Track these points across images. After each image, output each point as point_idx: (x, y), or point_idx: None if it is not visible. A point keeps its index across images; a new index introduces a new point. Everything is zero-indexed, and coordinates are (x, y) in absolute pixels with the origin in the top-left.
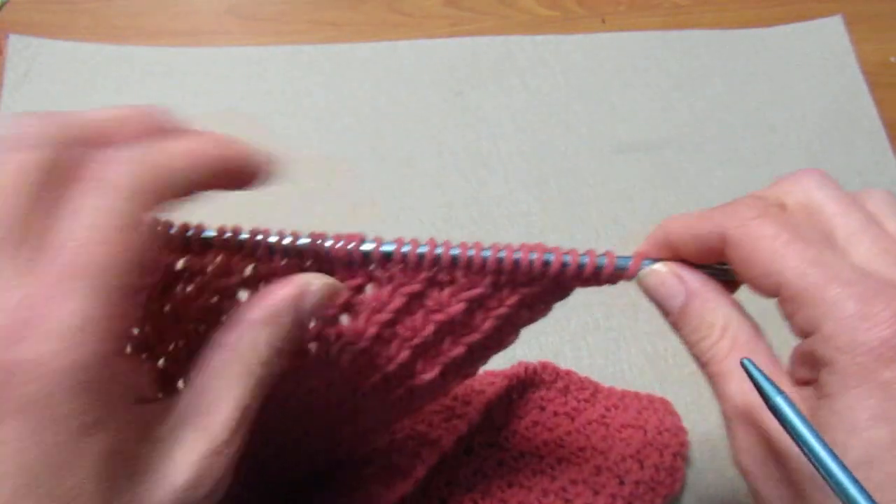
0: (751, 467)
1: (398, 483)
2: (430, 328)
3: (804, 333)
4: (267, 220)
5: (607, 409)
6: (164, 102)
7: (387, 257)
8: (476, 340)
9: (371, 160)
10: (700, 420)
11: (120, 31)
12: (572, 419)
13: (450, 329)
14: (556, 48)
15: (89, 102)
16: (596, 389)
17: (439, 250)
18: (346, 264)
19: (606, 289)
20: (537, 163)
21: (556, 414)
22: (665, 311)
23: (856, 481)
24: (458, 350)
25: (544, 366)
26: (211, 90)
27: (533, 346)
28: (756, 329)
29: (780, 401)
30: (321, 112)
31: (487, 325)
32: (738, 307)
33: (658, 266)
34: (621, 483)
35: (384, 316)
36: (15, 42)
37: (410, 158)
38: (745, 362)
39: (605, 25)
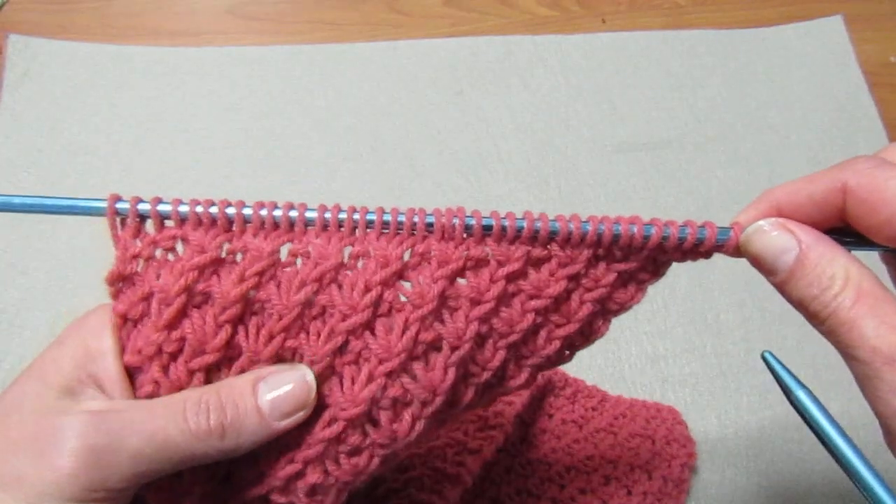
0: None
1: (448, 488)
2: (529, 319)
3: None
4: None
5: (615, 418)
6: (164, 102)
7: (487, 230)
8: (571, 333)
9: (371, 160)
10: (699, 419)
11: (120, 31)
12: (580, 427)
13: (545, 320)
14: (556, 48)
15: (89, 102)
16: (604, 398)
17: (538, 224)
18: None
19: None
20: (537, 163)
21: (563, 422)
22: (772, 272)
23: (881, 480)
24: (552, 347)
25: (554, 370)
26: (211, 90)
27: None
28: (876, 277)
29: (802, 395)
30: (321, 112)
31: (584, 311)
32: (854, 257)
33: (762, 223)
34: (629, 494)
35: (484, 308)
36: (15, 42)
37: (410, 158)
38: (766, 355)
39: (605, 25)
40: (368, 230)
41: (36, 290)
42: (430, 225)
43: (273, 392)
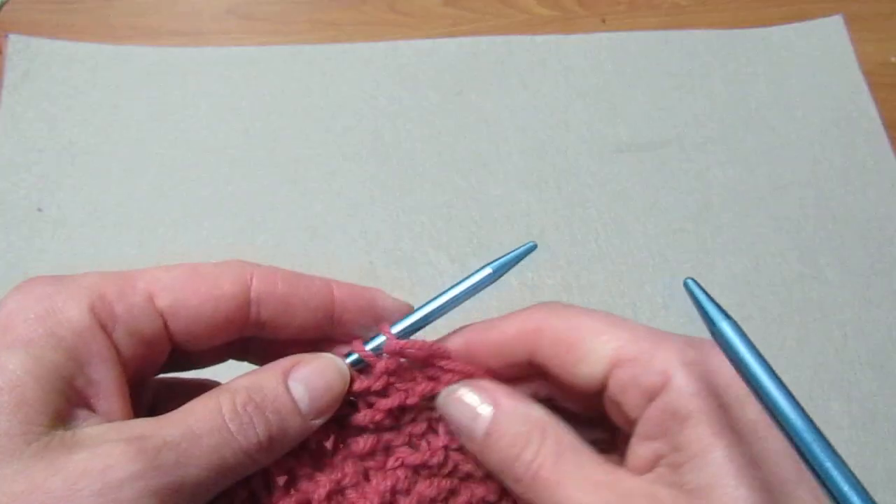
0: None
1: None
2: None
3: (651, 395)
4: (266, 220)
5: None
6: (164, 102)
7: None
8: None
9: (371, 160)
10: None
11: (120, 31)
12: None
13: None
14: (556, 48)
15: (89, 102)
16: None
17: None
18: None
19: (607, 288)
20: (537, 163)
21: None
22: (470, 436)
23: (810, 422)
24: None
25: None
26: (211, 90)
27: None
28: (571, 428)
29: (726, 326)
30: (321, 112)
31: None
32: (547, 409)
33: (457, 387)
34: None
35: None
36: (15, 42)
37: (410, 159)
38: (689, 282)
39: (605, 25)
40: None
41: None
42: None
43: (307, 388)
